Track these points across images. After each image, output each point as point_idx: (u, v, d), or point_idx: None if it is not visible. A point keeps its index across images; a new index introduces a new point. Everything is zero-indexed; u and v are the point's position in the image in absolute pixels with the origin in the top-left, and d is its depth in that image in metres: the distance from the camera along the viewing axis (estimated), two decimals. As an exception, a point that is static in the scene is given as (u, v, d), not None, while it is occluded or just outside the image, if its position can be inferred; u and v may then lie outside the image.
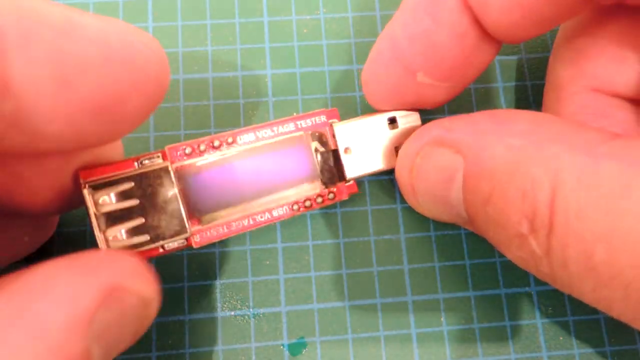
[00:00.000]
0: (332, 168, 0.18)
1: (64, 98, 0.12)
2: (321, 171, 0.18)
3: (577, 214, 0.13)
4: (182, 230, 0.16)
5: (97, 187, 0.15)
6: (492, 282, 0.19)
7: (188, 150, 0.16)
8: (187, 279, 0.18)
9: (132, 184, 0.15)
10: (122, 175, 0.15)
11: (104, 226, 0.15)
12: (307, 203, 0.17)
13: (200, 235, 0.16)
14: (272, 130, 0.17)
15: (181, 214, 0.16)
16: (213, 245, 0.19)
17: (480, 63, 0.17)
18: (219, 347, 0.18)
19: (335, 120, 0.18)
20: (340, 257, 0.19)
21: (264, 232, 0.19)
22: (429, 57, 0.16)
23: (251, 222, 0.17)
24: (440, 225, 0.19)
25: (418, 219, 0.19)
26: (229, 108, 0.20)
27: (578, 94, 0.17)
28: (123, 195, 0.15)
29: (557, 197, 0.13)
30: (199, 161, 0.16)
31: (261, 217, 0.17)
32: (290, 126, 0.17)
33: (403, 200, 0.19)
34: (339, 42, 0.21)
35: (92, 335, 0.12)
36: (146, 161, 0.16)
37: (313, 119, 0.18)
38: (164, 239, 0.15)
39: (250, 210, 0.17)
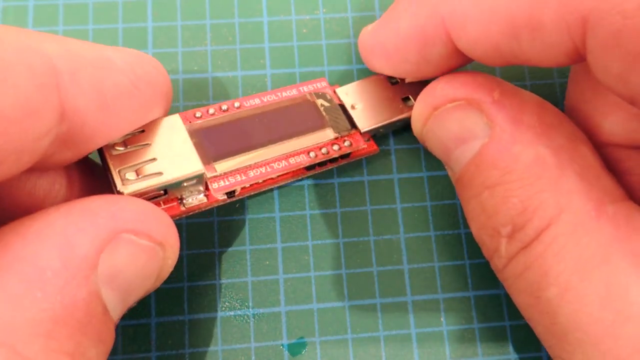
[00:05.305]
0: (342, 118, 0.18)
1: (104, 120, 0.14)
2: (331, 121, 0.18)
3: (555, 255, 0.14)
4: (196, 166, 0.16)
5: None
6: (492, 282, 0.19)
7: (198, 114, 0.17)
8: (187, 279, 0.18)
9: (143, 130, 0.16)
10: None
11: (119, 166, 0.15)
12: (324, 150, 0.18)
13: (218, 182, 0.17)
14: (277, 96, 0.18)
15: (193, 153, 0.16)
16: (213, 245, 0.19)
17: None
18: (219, 347, 0.18)
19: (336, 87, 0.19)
20: (340, 257, 0.19)
21: (264, 231, 0.19)
22: None
23: (269, 169, 0.17)
24: (440, 225, 0.19)
25: (418, 219, 0.19)
26: (229, 108, 0.20)
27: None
28: (134, 141, 0.16)
29: (549, 231, 0.14)
30: (209, 121, 0.17)
31: (278, 165, 0.17)
32: (293, 92, 0.19)
33: (403, 200, 0.19)
34: (339, 42, 0.21)
35: (101, 279, 0.12)
36: None
37: (314, 85, 0.19)
38: (178, 177, 0.15)
39: (265, 157, 0.17)
